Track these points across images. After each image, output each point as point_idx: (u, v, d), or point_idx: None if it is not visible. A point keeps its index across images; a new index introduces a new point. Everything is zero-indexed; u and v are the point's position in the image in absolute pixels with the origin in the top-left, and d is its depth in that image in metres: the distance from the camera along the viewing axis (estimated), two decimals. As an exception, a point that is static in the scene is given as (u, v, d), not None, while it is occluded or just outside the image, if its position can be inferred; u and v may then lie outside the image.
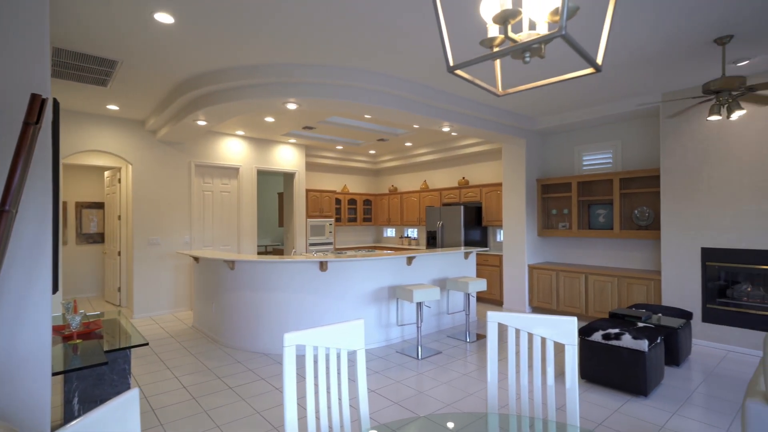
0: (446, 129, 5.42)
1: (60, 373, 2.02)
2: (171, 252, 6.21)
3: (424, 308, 5.08)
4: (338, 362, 4.10)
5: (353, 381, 3.51)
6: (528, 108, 5.47)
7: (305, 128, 6.50)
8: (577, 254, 6.10)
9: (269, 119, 5.91)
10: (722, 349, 4.36)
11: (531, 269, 6.10)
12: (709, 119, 3.47)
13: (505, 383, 3.48)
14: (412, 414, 2.95)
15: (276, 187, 10.21)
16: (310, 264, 4.29)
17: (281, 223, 8.38)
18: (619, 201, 5.38)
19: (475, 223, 7.22)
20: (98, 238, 7.73)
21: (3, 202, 1.33)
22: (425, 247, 8.09)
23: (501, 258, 6.57)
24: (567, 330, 1.69)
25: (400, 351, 4.37)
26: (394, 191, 9.21)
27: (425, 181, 8.66)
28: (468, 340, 4.74)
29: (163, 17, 2.97)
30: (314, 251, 7.99)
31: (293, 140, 7.43)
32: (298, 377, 3.65)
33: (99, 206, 7.73)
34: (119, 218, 6.57)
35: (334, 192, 8.54)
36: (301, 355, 4.09)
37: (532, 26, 2.66)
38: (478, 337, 4.85)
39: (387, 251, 5.73)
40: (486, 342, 2.35)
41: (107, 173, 7.00)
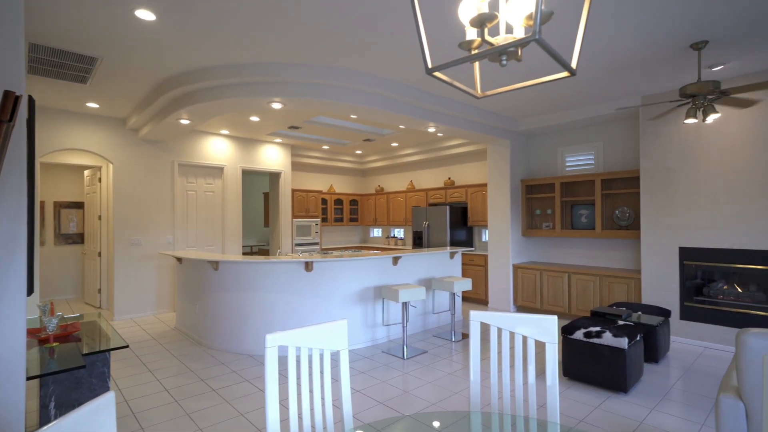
0: (432, 129, 5.45)
1: (35, 377, 1.97)
2: (153, 253, 6.10)
3: (410, 308, 5.10)
4: (321, 363, 4.09)
5: (337, 381, 3.50)
6: (512, 110, 5.53)
7: (291, 128, 6.46)
8: (561, 254, 6.20)
9: (254, 118, 5.86)
10: (699, 346, 4.48)
11: (516, 269, 6.17)
12: (686, 122, 3.56)
13: (489, 382, 3.51)
14: (398, 414, 2.96)
15: (261, 187, 10.12)
16: (296, 264, 4.27)
17: (267, 224, 8.31)
18: (601, 201, 5.49)
19: (461, 223, 7.27)
20: (78, 239, 7.55)
21: (-27, 202, 1.30)
22: (411, 247, 8.11)
23: (486, 258, 6.63)
24: (548, 329, 1.72)
25: (386, 351, 4.38)
26: (381, 191, 9.22)
27: (411, 182, 8.69)
28: (453, 340, 4.77)
29: (144, 14, 2.92)
30: (300, 251, 7.94)
31: (279, 140, 7.38)
32: (282, 378, 3.63)
33: (78, 206, 7.55)
34: (99, 218, 6.43)
35: (321, 192, 8.50)
36: (285, 356, 4.07)
37: (509, 30, 2.69)
38: (464, 337, 4.89)
39: (373, 251, 5.74)
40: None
41: (87, 172, 6.84)
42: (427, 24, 3.08)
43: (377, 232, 9.62)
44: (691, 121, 3.53)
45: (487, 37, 0.97)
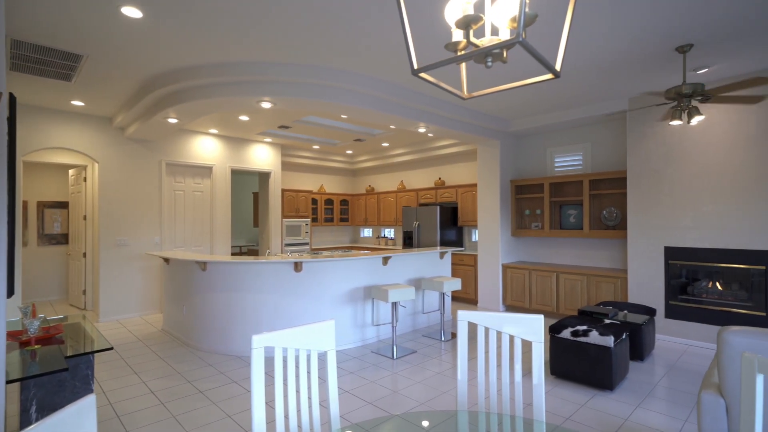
0: (422, 130, 5.46)
1: (16, 381, 1.93)
2: (140, 253, 6.02)
3: (400, 308, 5.10)
4: (308, 363, 4.08)
5: (325, 382, 3.49)
6: (502, 111, 5.57)
7: (281, 127, 6.42)
8: (549, 253, 6.26)
9: (244, 118, 5.81)
10: (683, 344, 4.57)
11: (505, 268, 6.22)
12: (671, 123, 3.63)
13: (477, 381, 3.53)
14: (386, 413, 2.96)
15: (251, 187, 10.04)
16: (285, 265, 4.25)
17: (256, 224, 8.25)
18: (589, 202, 5.56)
19: (451, 223, 7.30)
20: (62, 239, 7.41)
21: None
22: (402, 247, 8.12)
23: (476, 258, 6.67)
24: (534, 328, 1.74)
25: (376, 351, 4.38)
26: (371, 191, 9.22)
27: (402, 182, 8.70)
28: (443, 339, 4.79)
29: (131, 11, 2.88)
30: (290, 252, 7.90)
31: (269, 139, 7.33)
32: (269, 379, 3.61)
33: (63, 206, 7.41)
34: (85, 218, 6.32)
35: (311, 192, 8.47)
36: (272, 357, 4.04)
37: (495, 32, 2.71)
38: (453, 336, 4.91)
39: (364, 251, 5.73)
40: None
41: (72, 172, 6.72)
42: (414, 25, 3.08)
43: (368, 232, 9.61)
44: (676, 123, 3.60)
45: (473, 39, 0.97)
